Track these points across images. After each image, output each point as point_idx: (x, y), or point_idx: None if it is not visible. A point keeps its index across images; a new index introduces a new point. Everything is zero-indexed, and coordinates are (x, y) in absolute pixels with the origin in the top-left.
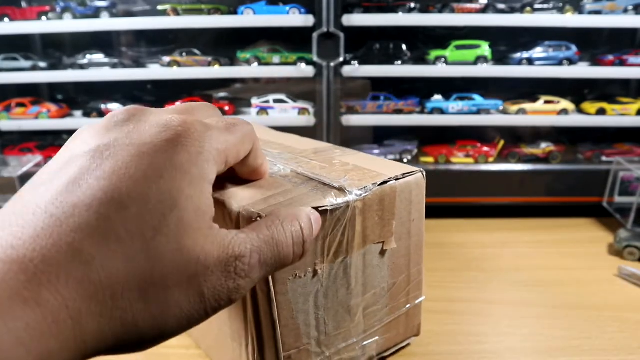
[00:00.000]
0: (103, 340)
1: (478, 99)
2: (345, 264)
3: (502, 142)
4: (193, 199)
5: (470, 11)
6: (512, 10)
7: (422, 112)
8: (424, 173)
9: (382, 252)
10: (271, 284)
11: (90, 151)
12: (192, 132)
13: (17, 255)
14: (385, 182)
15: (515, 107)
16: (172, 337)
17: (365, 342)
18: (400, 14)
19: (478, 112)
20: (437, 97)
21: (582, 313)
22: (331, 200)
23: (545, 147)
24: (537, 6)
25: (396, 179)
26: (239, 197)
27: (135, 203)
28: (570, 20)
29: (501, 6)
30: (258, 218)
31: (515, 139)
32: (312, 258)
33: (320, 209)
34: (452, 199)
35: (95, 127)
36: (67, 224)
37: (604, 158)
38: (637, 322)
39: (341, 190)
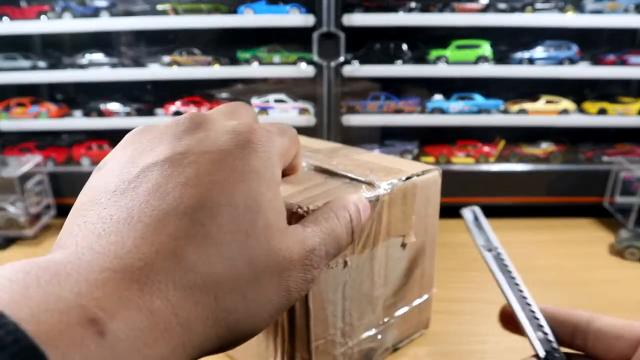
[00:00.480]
0: (209, 342)
1: (479, 98)
2: (371, 256)
3: (502, 142)
4: (272, 202)
5: (470, 11)
6: (512, 10)
7: (422, 112)
8: (440, 171)
9: (403, 246)
10: None
11: (167, 159)
12: (259, 138)
13: (125, 265)
14: (408, 178)
15: (516, 107)
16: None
17: (383, 333)
18: (401, 13)
19: (479, 112)
20: (438, 96)
21: None
22: (364, 193)
23: (545, 147)
24: (538, 6)
25: (417, 176)
26: None
27: (226, 208)
28: (571, 19)
29: (502, 6)
30: (306, 212)
31: (515, 139)
32: None
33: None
34: (452, 199)
35: (159, 134)
36: (164, 232)
37: (604, 158)
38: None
39: (370, 184)
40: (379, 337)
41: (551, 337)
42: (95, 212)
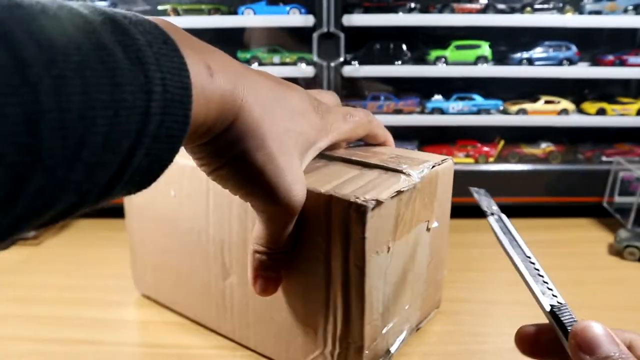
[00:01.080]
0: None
1: (478, 99)
2: (406, 241)
3: (502, 142)
4: (317, 142)
5: (470, 11)
6: (512, 11)
7: (422, 112)
8: (453, 160)
9: (427, 230)
10: (366, 257)
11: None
12: (328, 117)
13: (233, 62)
14: (433, 167)
15: (515, 107)
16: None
17: (411, 314)
18: (401, 14)
19: (478, 112)
20: (437, 97)
21: (582, 313)
22: (404, 181)
23: (545, 147)
24: (537, 6)
25: (439, 164)
26: (313, 186)
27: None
28: (570, 20)
29: (501, 6)
30: (364, 202)
31: (515, 139)
32: (386, 236)
33: (402, 190)
34: (452, 199)
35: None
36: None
37: (604, 158)
38: (638, 322)
39: (405, 173)
40: (409, 318)
41: (556, 292)
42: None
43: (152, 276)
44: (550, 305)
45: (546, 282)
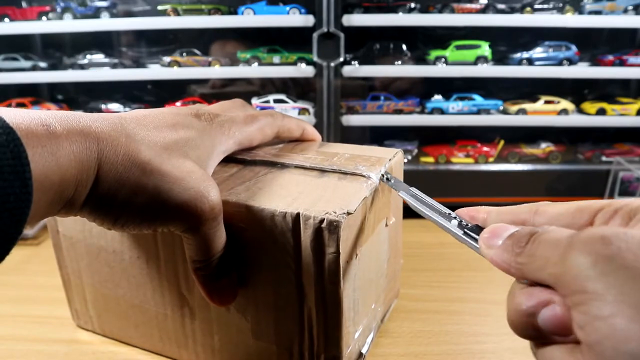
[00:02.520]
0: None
1: (478, 99)
2: (370, 242)
3: (502, 142)
4: (203, 156)
5: (470, 11)
6: (512, 10)
7: (422, 112)
8: (403, 151)
9: (386, 226)
10: (340, 271)
11: (193, 112)
12: (217, 124)
13: (85, 120)
14: (386, 164)
15: (515, 107)
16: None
17: (376, 312)
18: (400, 14)
19: (478, 112)
20: (437, 97)
21: None
22: (367, 187)
23: (545, 147)
24: (537, 6)
25: (390, 160)
26: (275, 202)
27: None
28: (570, 20)
29: (501, 6)
30: (321, 222)
31: (515, 139)
32: (355, 244)
33: (364, 198)
34: (452, 199)
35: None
36: (127, 128)
37: (604, 158)
38: None
39: (364, 176)
40: (375, 316)
41: (464, 222)
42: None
43: (94, 310)
44: (458, 222)
45: (455, 217)
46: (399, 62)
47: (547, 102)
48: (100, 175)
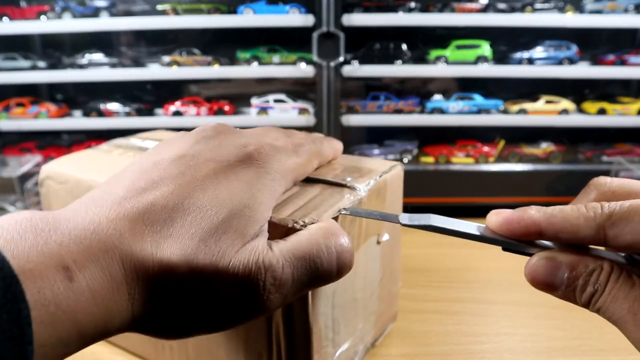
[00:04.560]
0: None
1: (478, 98)
2: (355, 259)
3: (502, 142)
4: (249, 210)
5: (470, 11)
6: (512, 10)
7: (422, 112)
8: (403, 166)
9: (378, 243)
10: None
11: (177, 158)
12: (262, 155)
13: (100, 231)
14: (380, 176)
15: (515, 107)
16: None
17: (364, 334)
18: (401, 13)
19: (478, 112)
20: (437, 97)
21: (582, 313)
22: (349, 198)
23: (545, 147)
24: (537, 6)
25: (386, 173)
26: None
27: (196, 210)
28: (570, 20)
29: (501, 6)
30: (303, 226)
31: (515, 139)
32: None
33: (343, 210)
34: (452, 199)
35: (186, 138)
36: (142, 217)
37: (604, 158)
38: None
39: (350, 187)
40: (363, 337)
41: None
42: (108, 187)
43: None
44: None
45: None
46: (399, 61)
47: (547, 102)
48: (148, 283)
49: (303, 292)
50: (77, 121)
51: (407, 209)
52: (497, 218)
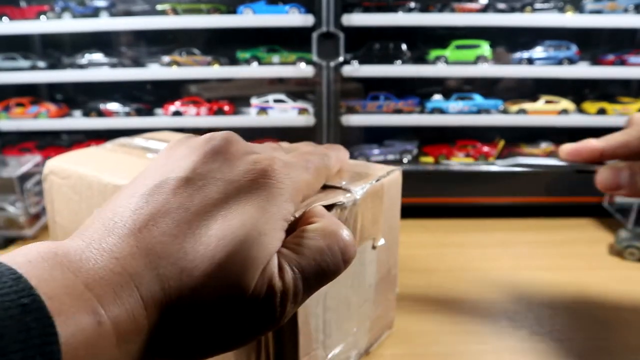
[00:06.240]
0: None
1: (478, 98)
2: None
3: (502, 142)
4: (266, 236)
5: (470, 11)
6: (512, 10)
7: (422, 112)
8: (401, 171)
9: (373, 248)
10: None
11: (185, 177)
12: (275, 174)
13: (122, 266)
14: (377, 180)
15: (515, 107)
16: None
17: (358, 339)
18: (400, 13)
19: (478, 112)
20: (437, 97)
21: (582, 313)
22: (340, 198)
23: (545, 147)
24: (537, 6)
25: (383, 177)
26: None
27: (209, 238)
28: (570, 19)
29: (501, 6)
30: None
31: (515, 139)
32: None
33: (335, 205)
34: (452, 199)
35: (194, 149)
36: (156, 252)
37: None
38: (638, 321)
39: (344, 189)
40: (357, 343)
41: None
42: (115, 210)
43: None
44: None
45: None
46: (399, 61)
47: (547, 101)
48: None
49: (312, 294)
50: (77, 121)
51: (405, 211)
52: (568, 148)
